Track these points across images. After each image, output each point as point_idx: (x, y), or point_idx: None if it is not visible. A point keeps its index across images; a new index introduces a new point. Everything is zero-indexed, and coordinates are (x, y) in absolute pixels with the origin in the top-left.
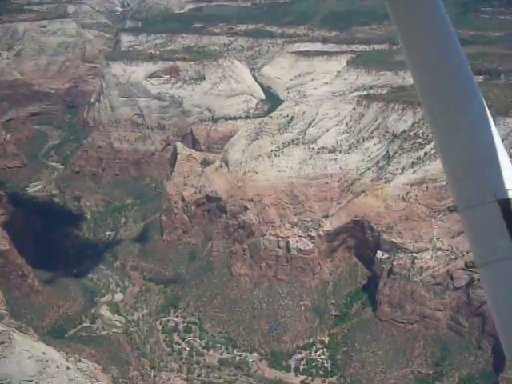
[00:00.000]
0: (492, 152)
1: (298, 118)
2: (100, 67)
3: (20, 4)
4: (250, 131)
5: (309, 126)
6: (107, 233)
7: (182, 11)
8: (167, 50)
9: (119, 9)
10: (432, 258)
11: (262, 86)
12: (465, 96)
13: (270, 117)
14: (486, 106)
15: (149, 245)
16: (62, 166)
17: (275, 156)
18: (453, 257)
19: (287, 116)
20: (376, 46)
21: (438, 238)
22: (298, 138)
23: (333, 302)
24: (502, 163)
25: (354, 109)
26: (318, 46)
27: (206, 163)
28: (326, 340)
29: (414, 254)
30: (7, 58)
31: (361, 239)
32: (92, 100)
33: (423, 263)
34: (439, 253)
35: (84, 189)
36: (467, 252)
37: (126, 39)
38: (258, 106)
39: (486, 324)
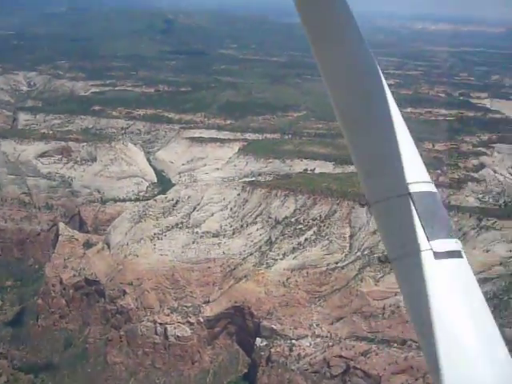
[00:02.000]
0: (402, 146)
1: (184, 201)
2: None
3: None
4: (133, 214)
5: (193, 210)
6: None
7: (85, 94)
8: (61, 130)
9: (25, 88)
10: (310, 345)
11: (155, 169)
12: (373, 94)
13: (155, 200)
14: (393, 100)
15: (23, 330)
16: None
17: (158, 239)
18: (330, 343)
19: (172, 200)
20: (268, 135)
21: (317, 325)
22: (182, 222)
23: None
24: (412, 157)
25: (239, 194)
26: (213, 133)
27: (88, 245)
28: None
29: (293, 341)
30: None
31: (241, 326)
32: None
33: (301, 350)
34: (318, 339)
35: None
36: (345, 338)
37: (23, 118)
38: (149, 189)
39: None
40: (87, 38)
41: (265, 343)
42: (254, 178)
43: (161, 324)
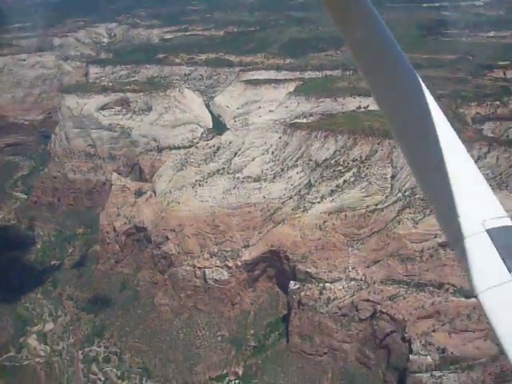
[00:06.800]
0: (474, 185)
1: (225, 147)
2: None
3: (7, 39)
4: (176, 161)
5: (235, 155)
6: (52, 262)
7: (157, 42)
8: (123, 81)
9: (106, 40)
10: (343, 288)
11: (213, 114)
12: (437, 132)
13: (196, 147)
14: (458, 137)
15: (86, 274)
16: (25, 196)
17: (199, 186)
18: (364, 287)
19: (213, 146)
20: (328, 72)
21: (353, 268)
22: (223, 168)
23: (252, 332)
24: (485, 194)
25: (280, 138)
26: (272, 74)
27: (140, 193)
28: (240, 371)
29: (326, 284)
30: None
31: (280, 269)
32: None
33: (331, 294)
34: (352, 283)
35: (40, 218)
36: (380, 282)
37: (93, 71)
38: (203, 135)
39: (391, 357)
40: None
41: (297, 286)
42: (304, 119)
43: (199, 268)
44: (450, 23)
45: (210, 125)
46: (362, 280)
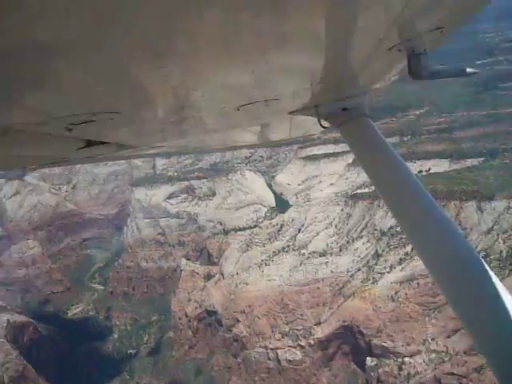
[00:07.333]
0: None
1: (288, 225)
2: None
3: None
4: (241, 243)
5: (299, 231)
6: (129, 351)
7: None
8: (188, 170)
9: None
10: (423, 361)
11: (275, 193)
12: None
13: (260, 227)
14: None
15: (162, 361)
16: (103, 287)
17: (265, 265)
18: (446, 359)
19: (277, 224)
20: (386, 139)
21: (432, 339)
22: (288, 245)
23: None
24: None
25: (342, 210)
26: (330, 148)
27: (209, 277)
28: None
29: (405, 359)
30: (65, 192)
31: (355, 345)
32: (128, 223)
33: (411, 369)
34: (433, 355)
35: (116, 308)
36: (462, 353)
37: (159, 163)
38: (267, 214)
39: None
40: None
41: (374, 363)
42: (366, 189)
43: (272, 349)
44: (507, 76)
45: (273, 203)
46: (443, 352)
